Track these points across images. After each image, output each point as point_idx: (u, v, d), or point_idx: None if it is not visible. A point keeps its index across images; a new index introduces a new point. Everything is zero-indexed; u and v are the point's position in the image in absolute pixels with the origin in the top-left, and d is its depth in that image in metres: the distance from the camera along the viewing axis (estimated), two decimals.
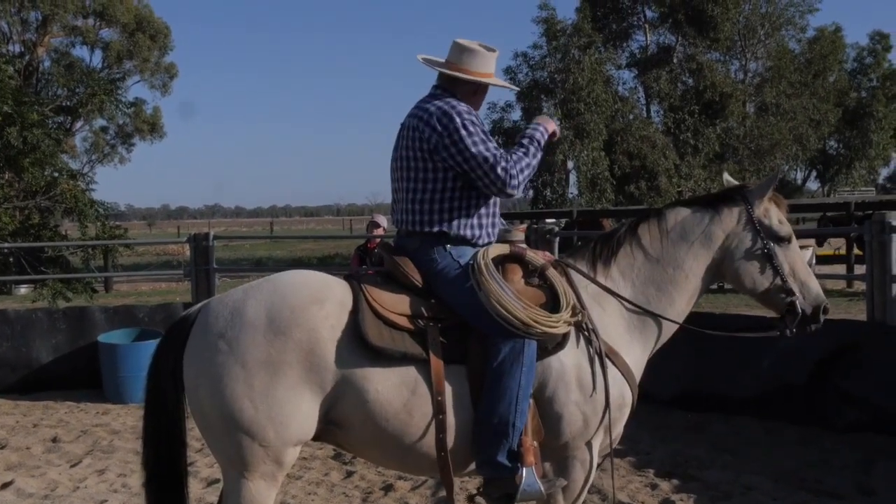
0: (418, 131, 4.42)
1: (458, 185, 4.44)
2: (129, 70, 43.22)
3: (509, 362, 4.16)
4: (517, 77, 41.27)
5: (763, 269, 4.72)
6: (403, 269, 4.40)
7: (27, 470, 8.13)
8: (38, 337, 11.86)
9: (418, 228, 4.47)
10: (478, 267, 4.28)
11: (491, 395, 4.16)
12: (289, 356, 3.99)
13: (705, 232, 4.68)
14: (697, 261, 4.69)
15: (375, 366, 4.09)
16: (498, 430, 4.16)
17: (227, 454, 4.06)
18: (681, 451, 8.19)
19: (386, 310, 4.20)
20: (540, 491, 4.25)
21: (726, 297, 18.64)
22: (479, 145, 4.33)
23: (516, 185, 4.36)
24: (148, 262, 38.12)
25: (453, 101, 4.47)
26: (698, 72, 41.79)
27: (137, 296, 22.56)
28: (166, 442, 4.26)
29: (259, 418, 3.96)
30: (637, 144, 39.15)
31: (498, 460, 4.20)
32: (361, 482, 7.54)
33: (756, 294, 4.81)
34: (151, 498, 4.34)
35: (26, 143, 18.71)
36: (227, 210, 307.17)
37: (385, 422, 4.11)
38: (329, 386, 4.05)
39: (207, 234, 12.76)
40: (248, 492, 4.04)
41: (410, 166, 4.47)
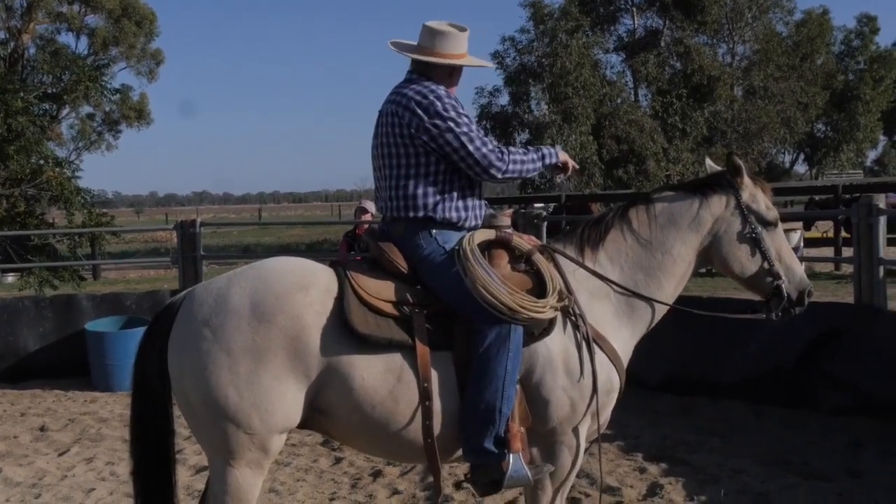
0: (398, 116, 4.40)
1: (441, 168, 4.42)
2: (115, 56, 42.94)
3: (495, 348, 4.15)
4: (505, 61, 41.17)
5: (751, 254, 4.74)
6: (388, 255, 4.38)
7: (15, 459, 8.11)
8: (25, 325, 11.83)
9: (403, 214, 4.44)
10: (463, 252, 4.25)
11: (477, 381, 4.14)
12: (273, 343, 3.96)
13: (694, 217, 4.69)
14: (686, 245, 4.69)
15: (361, 353, 4.07)
16: (485, 416, 4.15)
17: (213, 442, 4.04)
18: (669, 435, 8.21)
19: (371, 296, 4.17)
20: (527, 477, 4.25)
21: (714, 280, 18.66)
22: (461, 126, 4.33)
23: (502, 170, 4.37)
24: (136, 250, 38.07)
25: (431, 84, 4.46)
26: (686, 55, 41.73)
27: (125, 283, 22.52)
28: (153, 429, 4.23)
29: (244, 406, 3.93)
30: (625, 128, 39.10)
31: (485, 447, 4.19)
32: (350, 468, 7.54)
33: (743, 278, 4.82)
34: (139, 486, 4.31)
35: (11, 131, 18.65)
36: (215, 197, 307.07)
37: (371, 409, 4.09)
38: (314, 373, 4.03)
39: (194, 221, 12.72)
40: (234, 479, 4.02)
41: (391, 152, 4.45)
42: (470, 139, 4.32)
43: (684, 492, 6.68)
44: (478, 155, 4.33)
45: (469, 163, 4.34)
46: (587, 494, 6.69)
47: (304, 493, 6.98)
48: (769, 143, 46.41)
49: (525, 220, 11.22)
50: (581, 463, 4.60)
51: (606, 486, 6.86)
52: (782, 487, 6.68)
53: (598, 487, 6.69)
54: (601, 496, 5.25)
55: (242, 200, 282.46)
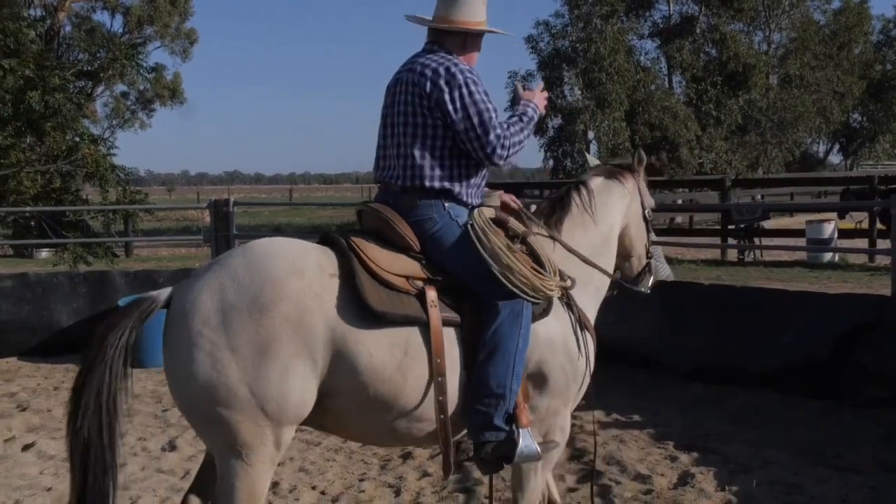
0: (418, 87, 4.39)
1: (453, 143, 4.45)
2: (150, 35, 43.07)
3: (509, 325, 4.22)
4: (538, 46, 41.03)
5: (644, 232, 5.29)
6: (399, 227, 4.38)
7: (48, 432, 8.18)
8: (59, 300, 11.93)
9: (418, 182, 4.43)
10: (480, 228, 4.32)
11: (490, 358, 4.19)
12: (277, 332, 3.85)
13: (620, 199, 5.14)
14: (618, 226, 5.14)
15: (367, 329, 4.03)
16: (496, 393, 4.19)
17: (225, 440, 3.88)
18: (700, 424, 8.17)
19: (384, 270, 4.16)
20: (537, 452, 4.33)
21: (746, 270, 18.58)
22: (479, 104, 4.35)
23: (504, 157, 4.43)
24: (168, 228, 38.15)
25: (453, 57, 4.46)
26: (721, 42, 41.40)
27: (157, 261, 22.62)
28: (106, 412, 3.97)
29: (257, 401, 3.82)
30: (658, 115, 38.87)
31: (496, 423, 4.24)
32: (380, 450, 7.55)
33: (631, 255, 5.31)
34: (81, 470, 4.04)
35: (48, 108, 18.73)
36: (246, 176, 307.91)
37: (379, 385, 4.05)
38: (320, 356, 3.94)
39: (228, 201, 12.77)
40: (248, 476, 3.90)
41: (409, 122, 4.43)
42: (482, 121, 4.34)
43: (715, 481, 6.65)
44: (487, 139, 4.36)
45: (476, 145, 4.37)
46: (618, 482, 6.67)
47: (333, 474, 7.00)
48: (804, 132, 46.09)
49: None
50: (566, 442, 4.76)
51: (637, 473, 6.84)
52: (814, 480, 6.63)
53: (628, 475, 6.73)
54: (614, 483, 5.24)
55: (273, 181, 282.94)
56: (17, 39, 19.45)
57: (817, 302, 9.36)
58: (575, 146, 39.56)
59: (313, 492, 6.62)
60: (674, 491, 6.53)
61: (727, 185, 24.88)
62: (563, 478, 6.77)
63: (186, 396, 3.90)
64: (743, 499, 6.29)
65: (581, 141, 39.86)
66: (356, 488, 6.66)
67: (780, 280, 16.21)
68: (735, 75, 41.04)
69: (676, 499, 6.34)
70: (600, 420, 8.35)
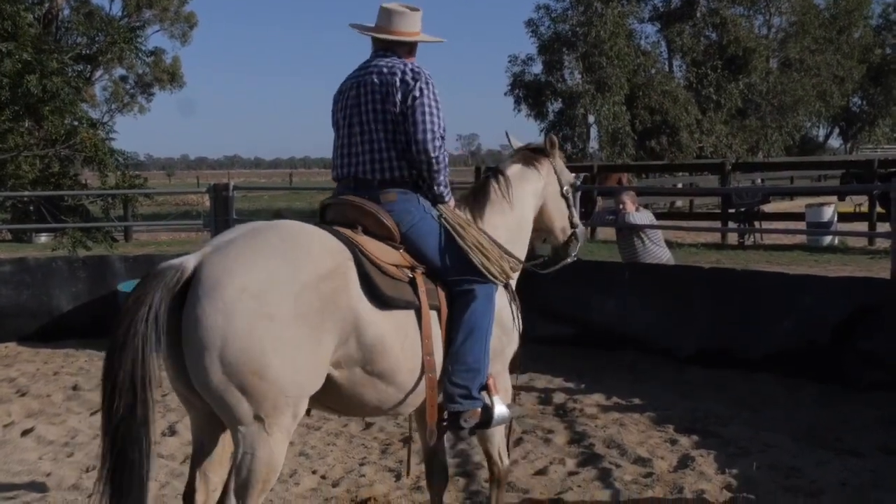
0: (385, 86, 4.77)
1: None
2: (149, 19, 42.98)
3: (483, 306, 4.72)
4: (539, 29, 40.90)
5: (563, 208, 5.69)
6: (384, 219, 4.70)
7: (48, 417, 8.18)
8: (59, 285, 11.92)
9: (398, 175, 4.81)
10: (456, 223, 4.84)
11: (467, 335, 4.65)
12: (312, 306, 3.99)
13: (534, 183, 5.50)
14: (532, 209, 5.51)
15: (379, 311, 4.33)
16: (472, 367, 4.68)
17: (249, 411, 3.92)
18: (700, 407, 8.16)
19: (382, 261, 4.47)
20: (510, 415, 4.98)
21: (746, 253, 18.59)
22: (433, 107, 4.75)
23: (434, 156, 4.76)
24: (167, 212, 38.07)
25: (410, 63, 4.89)
26: (722, 26, 41.34)
27: (157, 245, 22.65)
28: (141, 385, 3.87)
29: (287, 370, 3.91)
30: (659, 99, 38.83)
31: (474, 394, 4.73)
32: (380, 434, 7.56)
33: (555, 229, 5.73)
34: (113, 445, 3.92)
35: (46, 92, 18.66)
36: (246, 161, 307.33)
37: (386, 362, 4.36)
38: (343, 333, 4.16)
39: (227, 185, 12.73)
40: (269, 446, 3.98)
41: (378, 119, 4.79)
42: (431, 119, 4.73)
43: (715, 464, 6.65)
44: (429, 133, 4.72)
45: (418, 138, 4.72)
46: (618, 465, 6.67)
47: (334, 458, 7.00)
48: (804, 116, 46.09)
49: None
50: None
51: (637, 457, 6.84)
52: (814, 463, 6.63)
53: (628, 458, 6.73)
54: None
55: (273, 165, 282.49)
56: (14, 23, 19.39)
57: (817, 285, 9.34)
58: (575, 130, 39.51)
59: (314, 476, 6.61)
60: (674, 474, 6.52)
61: (727, 169, 24.89)
62: (563, 461, 6.78)
63: (216, 367, 3.85)
64: (743, 482, 6.28)
65: (581, 125, 39.83)
66: (356, 472, 6.65)
67: (781, 263, 16.23)
68: (735, 59, 40.97)
69: (676, 482, 6.33)
70: (600, 403, 8.36)
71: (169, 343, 3.97)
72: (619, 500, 6.05)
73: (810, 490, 6.11)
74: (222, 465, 4.34)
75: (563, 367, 9.60)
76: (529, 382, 8.97)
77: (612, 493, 6.17)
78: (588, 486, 6.28)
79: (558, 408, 8.30)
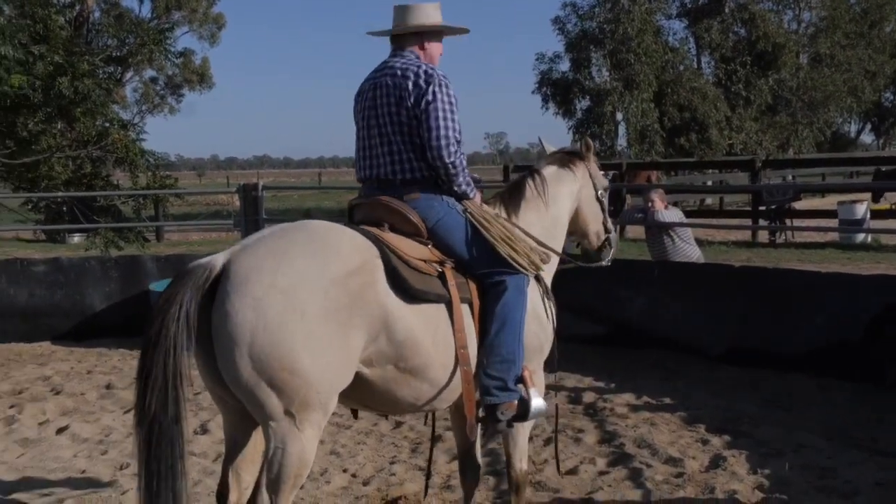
0: (399, 88, 4.78)
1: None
2: (178, 20, 43.09)
3: (514, 298, 4.73)
4: (566, 27, 40.76)
5: (598, 212, 5.73)
6: (410, 216, 4.75)
7: (82, 415, 8.26)
8: (92, 285, 12.04)
9: (419, 175, 4.82)
10: (482, 217, 4.86)
11: (500, 327, 4.66)
12: (342, 303, 4.03)
13: (570, 186, 5.56)
14: (568, 210, 5.57)
15: (408, 306, 4.35)
16: (507, 358, 4.69)
17: (280, 406, 3.96)
18: (732, 407, 8.13)
19: (410, 256, 4.50)
20: (547, 407, 4.97)
21: (777, 251, 18.50)
22: (447, 108, 4.75)
23: (450, 159, 4.74)
24: (198, 212, 38.26)
25: (422, 61, 4.90)
26: (751, 22, 41.04)
27: (188, 245, 22.79)
28: (173, 384, 3.93)
29: (317, 366, 3.95)
30: (687, 96, 38.60)
31: (510, 387, 4.74)
32: (410, 433, 7.58)
33: (589, 233, 5.79)
34: (147, 443, 3.96)
35: (77, 94, 18.74)
36: (275, 161, 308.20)
37: (417, 357, 4.38)
38: (372, 329, 4.19)
39: (257, 185, 12.82)
40: (300, 441, 4.02)
41: (394, 120, 4.81)
42: (445, 124, 4.72)
43: (747, 465, 6.63)
44: (443, 139, 4.71)
45: (433, 144, 4.72)
46: (649, 465, 6.66)
47: (364, 457, 7.03)
48: (835, 112, 45.60)
49: None
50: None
51: (668, 457, 6.83)
52: (848, 463, 6.59)
53: (660, 458, 6.72)
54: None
55: (302, 165, 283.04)
56: (46, 26, 19.50)
57: (850, 283, 9.29)
58: (603, 128, 39.37)
59: (344, 474, 6.65)
60: (705, 474, 6.50)
61: (757, 166, 24.73)
62: (593, 461, 6.78)
63: (246, 362, 3.89)
64: (775, 482, 6.25)
65: (609, 122, 39.68)
66: (387, 471, 6.68)
67: (812, 261, 16.14)
68: (765, 55, 40.67)
69: (708, 482, 6.31)
70: (631, 403, 8.34)
71: (200, 340, 4.02)
72: (650, 500, 6.04)
73: (844, 491, 6.08)
74: (254, 462, 4.38)
75: (592, 366, 9.60)
76: (559, 382, 8.96)
77: (642, 492, 6.16)
78: (619, 486, 6.28)
79: (588, 407, 8.29)
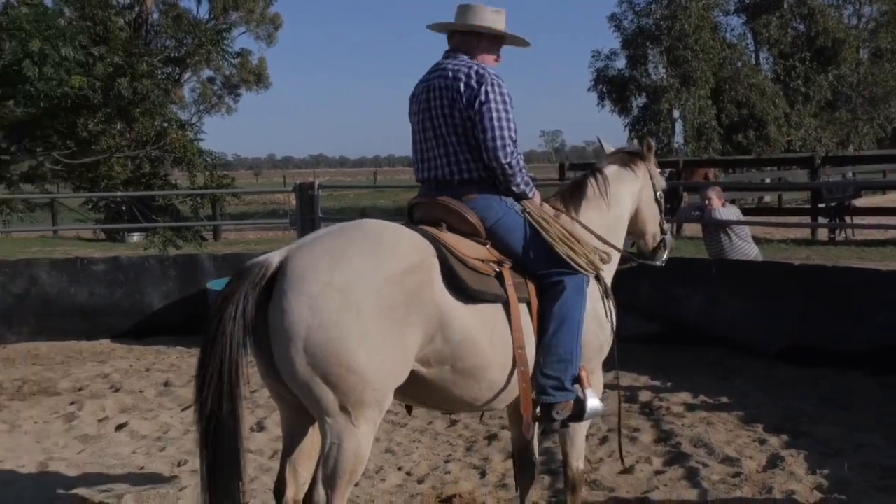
0: (451, 90, 4.76)
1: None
2: (235, 21, 43.48)
3: (573, 298, 4.71)
4: (622, 24, 40.63)
5: (656, 213, 5.70)
6: (468, 216, 4.75)
7: (140, 413, 8.35)
8: (150, 284, 12.16)
9: (475, 175, 4.81)
10: (540, 217, 4.84)
11: (558, 326, 4.64)
12: (399, 301, 4.06)
13: (631, 185, 5.53)
14: (629, 210, 5.54)
15: (465, 305, 4.36)
16: (564, 358, 4.66)
17: (335, 402, 4.01)
18: (790, 406, 8.03)
19: (467, 256, 4.51)
20: (602, 408, 4.92)
21: (837, 249, 18.27)
22: (500, 107, 4.71)
23: (507, 160, 4.72)
24: (255, 211, 38.56)
25: (475, 62, 4.86)
26: (810, 17, 40.59)
27: (245, 244, 22.97)
28: (229, 380, 4.03)
29: (373, 363, 3.98)
30: (745, 92, 38.29)
31: (566, 386, 4.72)
32: (465, 431, 7.58)
33: (647, 233, 5.76)
34: (206, 437, 4.09)
35: (136, 94, 18.99)
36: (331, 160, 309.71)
37: (475, 356, 4.38)
38: (428, 327, 4.20)
39: (313, 184, 12.87)
40: (356, 437, 4.06)
41: (449, 122, 4.79)
42: (500, 125, 4.69)
43: (806, 464, 6.54)
44: (499, 140, 4.69)
45: (488, 146, 4.70)
46: (705, 464, 6.60)
47: (419, 455, 7.04)
48: None
49: None
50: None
51: (725, 456, 6.76)
52: None
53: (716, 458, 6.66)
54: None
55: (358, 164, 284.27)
56: (106, 27, 19.79)
57: None
58: (660, 125, 39.14)
59: (399, 472, 6.66)
60: (763, 474, 6.43)
61: (817, 163, 24.43)
62: (649, 460, 6.73)
63: (302, 358, 3.95)
64: (834, 482, 6.17)
65: (666, 120, 39.45)
66: (442, 469, 6.68)
67: (872, 259, 15.92)
68: (824, 50, 40.21)
69: (765, 482, 6.24)
70: (687, 402, 8.28)
71: (258, 337, 4.09)
72: (706, 500, 5.99)
73: None
74: (311, 459, 4.42)
75: (649, 364, 9.53)
76: (615, 380, 8.92)
77: (699, 492, 6.11)
78: (675, 486, 6.23)
79: (644, 406, 8.24)
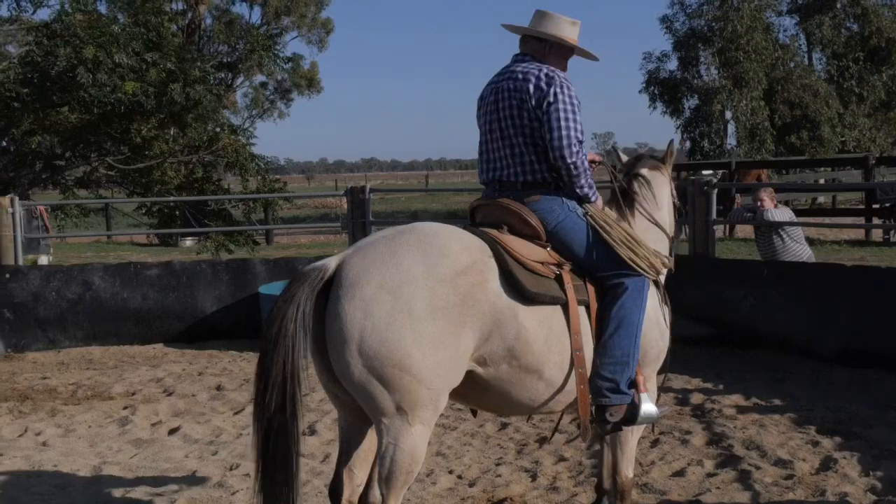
0: (520, 92, 4.81)
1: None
2: (287, 26, 43.88)
3: (632, 300, 4.70)
4: (674, 25, 40.42)
5: (673, 217, 5.64)
6: (530, 219, 4.77)
7: (193, 416, 8.43)
8: (203, 288, 12.23)
9: (539, 178, 4.85)
10: (602, 220, 4.84)
11: (616, 328, 4.64)
12: (450, 301, 4.13)
13: (667, 188, 5.54)
14: (670, 212, 5.53)
15: (522, 306, 4.39)
16: (621, 360, 4.65)
17: (391, 403, 4.08)
18: (843, 408, 7.95)
19: (526, 258, 4.54)
20: (657, 413, 4.89)
21: (892, 250, 18.07)
22: (568, 111, 4.75)
23: (573, 161, 4.75)
24: (307, 215, 38.85)
25: (545, 67, 4.87)
26: (863, 17, 40.12)
27: (297, 248, 23.12)
28: (290, 383, 4.11)
29: (427, 363, 4.05)
30: (798, 93, 37.97)
31: (622, 389, 4.69)
32: (516, 434, 7.58)
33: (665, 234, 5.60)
34: (265, 439, 4.15)
35: (189, 100, 19.16)
36: (382, 163, 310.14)
37: (530, 357, 4.42)
38: (483, 328, 4.25)
39: (364, 188, 12.90)
40: (412, 438, 4.13)
41: (517, 124, 4.84)
42: (567, 125, 4.72)
43: (859, 467, 6.48)
44: (565, 139, 4.71)
45: (556, 155, 4.73)
46: (758, 467, 6.56)
47: (470, 458, 7.05)
48: None
49: (695, 187, 10.98)
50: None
51: (777, 458, 6.71)
52: None
53: (768, 460, 6.62)
54: None
55: (409, 167, 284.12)
56: (159, 33, 19.99)
57: None
58: (712, 127, 38.89)
59: (450, 476, 6.66)
60: (816, 476, 6.38)
61: (871, 164, 24.14)
62: (701, 463, 6.70)
63: (357, 360, 4.04)
64: (888, 485, 6.11)
65: (718, 121, 39.18)
66: (493, 472, 6.68)
67: None
68: (878, 50, 39.74)
69: (818, 484, 6.20)
70: (739, 404, 8.23)
71: (315, 339, 4.19)
72: (758, 503, 5.95)
73: None
74: (367, 460, 4.49)
75: (700, 366, 9.49)
76: (666, 383, 8.88)
77: (751, 495, 6.07)
78: (727, 488, 6.20)
79: (696, 408, 8.20)
